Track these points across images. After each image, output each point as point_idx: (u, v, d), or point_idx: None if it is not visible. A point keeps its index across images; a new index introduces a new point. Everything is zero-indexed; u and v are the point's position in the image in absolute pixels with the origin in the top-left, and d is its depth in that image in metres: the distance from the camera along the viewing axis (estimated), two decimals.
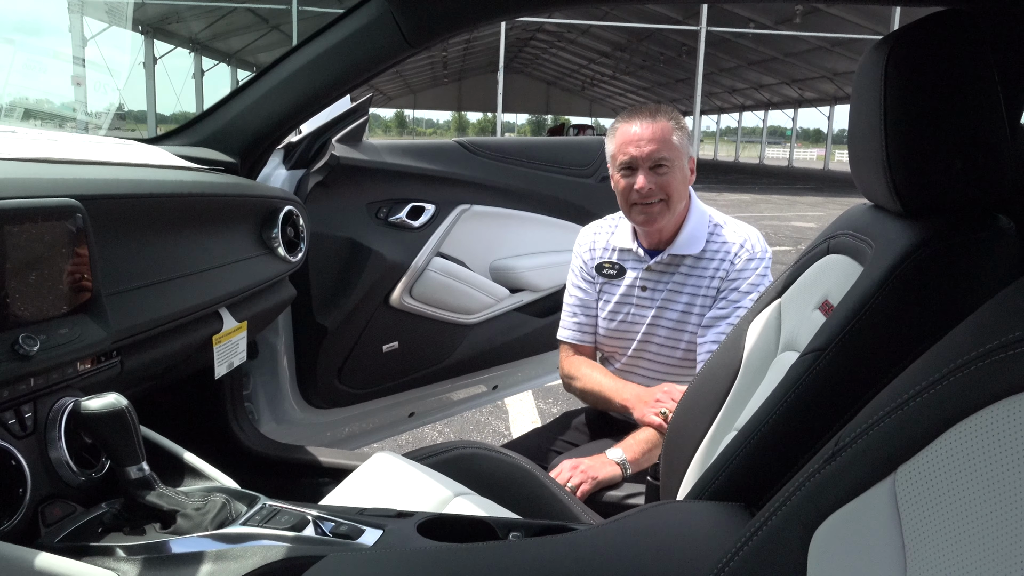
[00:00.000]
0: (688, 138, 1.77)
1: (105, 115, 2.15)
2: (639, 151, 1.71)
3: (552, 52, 44.38)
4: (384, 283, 2.07)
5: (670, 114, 1.75)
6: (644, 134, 1.71)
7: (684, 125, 1.76)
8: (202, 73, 32.33)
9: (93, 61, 6.05)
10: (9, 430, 0.98)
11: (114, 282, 1.16)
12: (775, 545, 0.61)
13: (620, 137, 1.75)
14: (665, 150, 1.70)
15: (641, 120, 1.73)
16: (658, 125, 1.71)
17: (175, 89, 27.79)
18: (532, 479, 1.46)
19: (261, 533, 0.92)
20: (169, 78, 28.05)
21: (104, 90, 10.70)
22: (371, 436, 2.33)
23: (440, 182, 2.20)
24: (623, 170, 1.74)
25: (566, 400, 3.82)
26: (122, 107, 25.55)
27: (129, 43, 21.60)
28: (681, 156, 1.74)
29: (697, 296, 1.79)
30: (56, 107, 1.82)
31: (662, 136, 1.70)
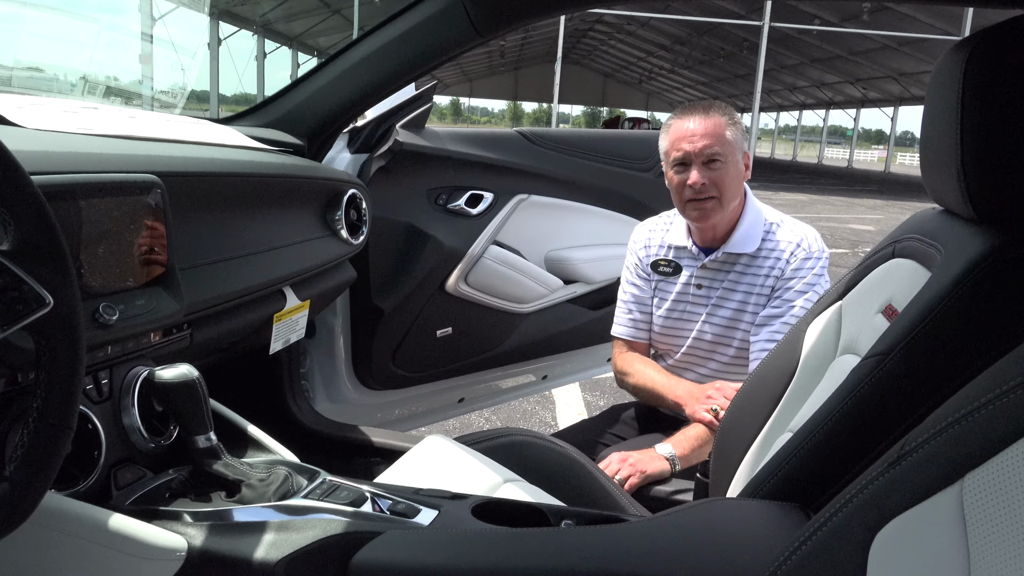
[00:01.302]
0: (743, 134, 1.75)
1: (180, 95, 2.21)
2: (692, 146, 1.70)
3: (610, 44, 44.03)
4: (441, 269, 2.09)
5: (724, 110, 1.74)
6: (697, 130, 1.70)
7: (738, 121, 1.75)
8: (264, 55, 32.84)
9: (165, 40, 6.24)
10: (87, 395, 1.02)
11: (187, 257, 1.20)
12: (835, 546, 0.61)
13: (673, 133, 1.74)
14: (718, 145, 1.69)
15: (694, 116, 1.72)
16: (711, 121, 1.70)
17: (237, 71, 28.26)
18: (581, 469, 1.47)
19: (321, 507, 0.95)
20: (232, 60, 28.51)
21: (178, 70, 10.86)
22: (421, 419, 2.36)
23: (500, 171, 2.21)
24: (676, 166, 1.74)
25: (613, 393, 3.82)
26: (186, 86, 26.03)
27: (201, 25, 22.01)
28: (735, 151, 1.72)
29: (751, 294, 1.78)
30: (134, 85, 1.89)
31: (715, 131, 1.70)
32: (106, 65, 1.74)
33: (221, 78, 28.53)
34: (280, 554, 0.88)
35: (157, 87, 2.37)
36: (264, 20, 29.81)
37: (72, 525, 0.88)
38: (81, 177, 0.99)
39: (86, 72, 1.66)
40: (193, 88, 25.26)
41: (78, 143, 1.12)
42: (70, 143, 1.11)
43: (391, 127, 1.97)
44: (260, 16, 29.22)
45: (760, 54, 21.22)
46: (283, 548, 0.89)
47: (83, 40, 1.68)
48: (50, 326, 0.72)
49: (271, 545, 0.89)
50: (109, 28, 1.72)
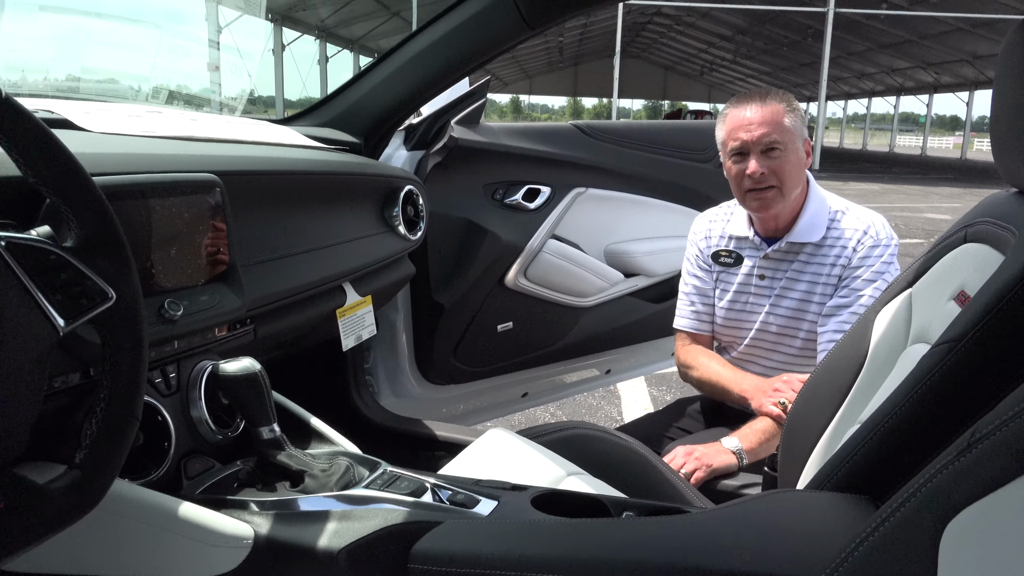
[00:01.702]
0: (802, 120, 1.71)
1: (239, 99, 2.26)
2: (750, 135, 1.66)
3: (670, 36, 43.50)
4: (500, 264, 2.09)
5: (782, 97, 1.70)
6: (755, 118, 1.66)
7: (797, 107, 1.71)
8: (326, 59, 33.44)
9: (228, 46, 6.45)
10: (156, 388, 1.05)
11: (248, 254, 1.22)
12: (904, 536, 0.58)
13: (730, 122, 1.71)
14: (777, 133, 1.65)
15: (751, 104, 1.69)
16: (768, 108, 1.67)
17: (301, 75, 28.87)
18: (645, 463, 1.45)
19: (382, 496, 0.96)
20: (296, 64, 29.10)
21: (239, 74, 11.13)
22: (485, 414, 2.37)
23: (556, 165, 2.20)
24: (734, 156, 1.71)
25: (679, 388, 3.77)
26: (253, 92, 26.72)
27: (261, 30, 22.59)
28: (794, 139, 1.68)
29: (817, 284, 1.74)
30: (195, 91, 1.94)
31: (773, 119, 1.66)
32: (173, 72, 1.79)
33: (286, 83, 29.16)
34: (342, 543, 0.89)
35: (225, 93, 2.44)
36: (325, 25, 30.36)
37: (144, 513, 0.90)
38: (143, 177, 1.02)
39: (152, 79, 1.71)
40: (261, 94, 25.90)
41: (141, 145, 1.16)
42: (133, 145, 1.15)
43: (446, 123, 1.98)
44: (321, 21, 29.76)
45: (825, 41, 20.68)
46: (345, 537, 0.90)
47: (147, 48, 1.73)
48: (113, 319, 0.74)
49: (333, 534, 0.90)
50: (174, 36, 1.76)
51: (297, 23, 29.59)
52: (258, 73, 7.01)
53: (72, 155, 0.73)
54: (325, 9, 28.26)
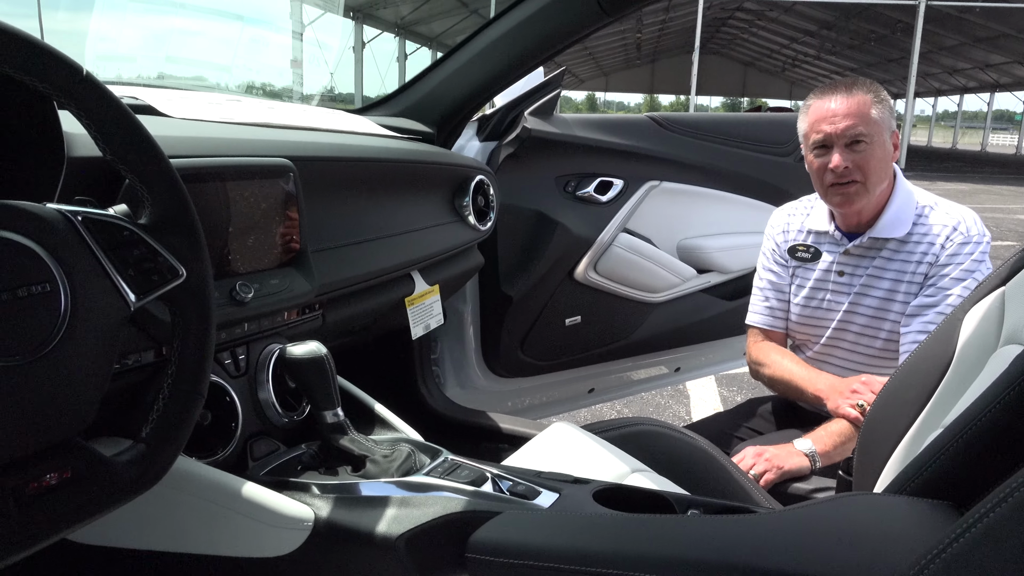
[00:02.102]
0: (890, 111, 1.62)
1: (319, 95, 2.32)
2: (833, 128, 1.59)
3: (751, 32, 42.57)
4: (569, 256, 2.07)
5: (869, 87, 1.61)
6: (839, 109, 1.59)
7: (885, 98, 1.62)
8: (405, 57, 33.87)
9: (311, 43, 6.51)
10: (226, 370, 1.07)
11: (319, 239, 1.23)
12: (989, 546, 0.54)
13: (813, 114, 1.64)
14: (863, 125, 1.58)
15: (836, 95, 1.61)
16: (854, 99, 1.59)
17: (380, 72, 29.32)
18: (713, 462, 1.41)
19: (443, 484, 0.95)
20: (375, 61, 29.55)
21: (318, 70, 11.35)
22: (551, 408, 2.35)
23: (630, 157, 2.16)
24: (816, 149, 1.64)
25: (751, 388, 3.68)
26: (333, 88, 27.30)
27: (342, 28, 23.06)
28: (882, 131, 1.60)
29: (901, 282, 1.66)
30: (278, 87, 1.98)
31: (859, 110, 1.58)
32: (256, 68, 1.84)
33: (366, 80, 29.65)
34: (401, 529, 0.89)
35: (306, 89, 2.48)
36: (404, 22, 30.75)
37: (209, 491, 0.92)
38: (218, 160, 1.04)
39: (235, 73, 1.77)
40: (340, 91, 26.45)
41: (218, 130, 1.18)
42: (211, 130, 1.17)
43: (520, 114, 1.97)
44: (400, 18, 30.16)
45: (915, 36, 19.90)
46: (404, 523, 0.89)
47: (232, 43, 1.78)
48: (183, 297, 0.75)
49: (393, 520, 0.90)
50: (259, 32, 1.81)
51: (377, 20, 30.04)
52: (338, 69, 7.17)
53: (149, 135, 0.74)
54: (405, 7, 28.62)
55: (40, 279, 0.63)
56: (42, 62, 0.65)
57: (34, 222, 0.64)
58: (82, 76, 0.68)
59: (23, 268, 0.62)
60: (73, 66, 0.67)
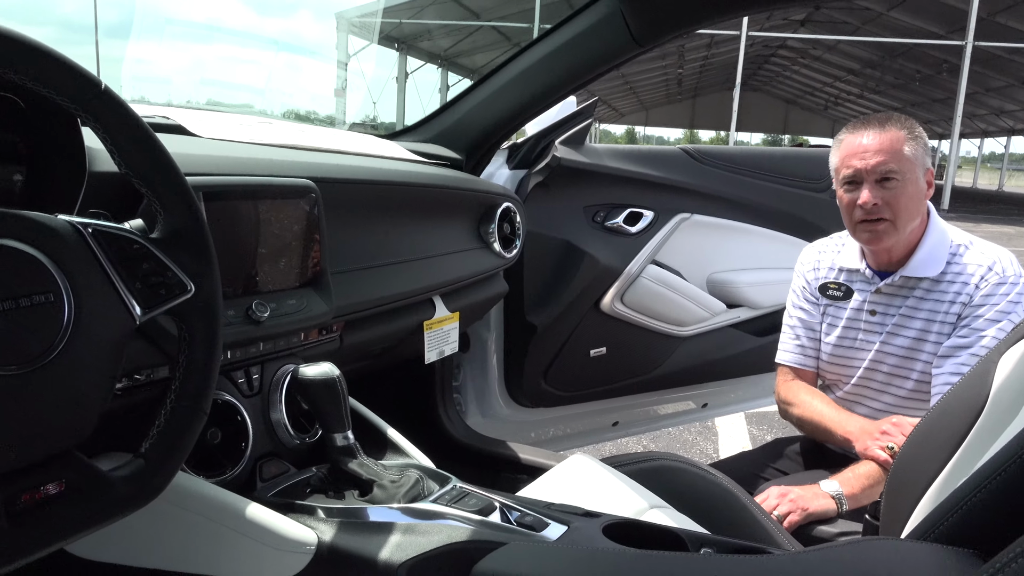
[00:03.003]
0: (925, 148, 1.59)
1: (363, 124, 2.35)
2: (864, 163, 1.55)
3: (794, 69, 42.41)
4: (596, 287, 2.05)
5: (903, 123, 1.58)
6: (871, 145, 1.55)
7: (920, 134, 1.58)
8: (447, 87, 34.31)
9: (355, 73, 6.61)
10: (239, 388, 1.07)
11: (340, 261, 1.23)
12: None
13: (845, 149, 1.60)
14: (894, 162, 1.54)
15: (868, 130, 1.58)
16: (887, 135, 1.55)
17: (422, 102, 29.72)
18: (735, 501, 1.37)
19: (449, 512, 0.93)
20: (418, 92, 30.00)
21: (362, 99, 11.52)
22: (574, 440, 2.32)
23: (661, 189, 2.15)
24: (846, 184, 1.60)
25: (782, 427, 3.60)
26: (376, 118, 27.74)
27: (378, 58, 23.47)
28: (914, 168, 1.56)
29: (933, 323, 1.61)
30: (322, 115, 2.00)
31: (891, 147, 1.54)
32: (303, 97, 1.87)
33: (408, 110, 30.06)
34: (404, 556, 0.87)
35: (349, 118, 2.52)
36: (447, 54, 31.20)
37: (213, 510, 0.91)
38: (240, 179, 1.04)
39: (280, 101, 1.79)
40: (383, 120, 26.86)
41: (243, 150, 1.19)
42: (236, 150, 1.18)
43: (550, 143, 1.97)
44: (443, 50, 30.60)
45: (962, 76, 19.65)
46: (407, 551, 0.87)
47: (275, 71, 1.81)
48: (190, 312, 0.74)
49: (396, 547, 0.88)
50: (302, 60, 1.84)
51: (420, 52, 30.51)
52: (381, 99, 7.28)
53: (165, 149, 0.75)
54: (447, 40, 29.06)
55: (43, 289, 0.63)
56: (59, 75, 0.65)
57: (42, 232, 0.65)
58: (100, 90, 0.68)
59: (27, 277, 0.62)
60: (91, 80, 0.68)
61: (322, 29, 23.93)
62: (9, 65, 0.62)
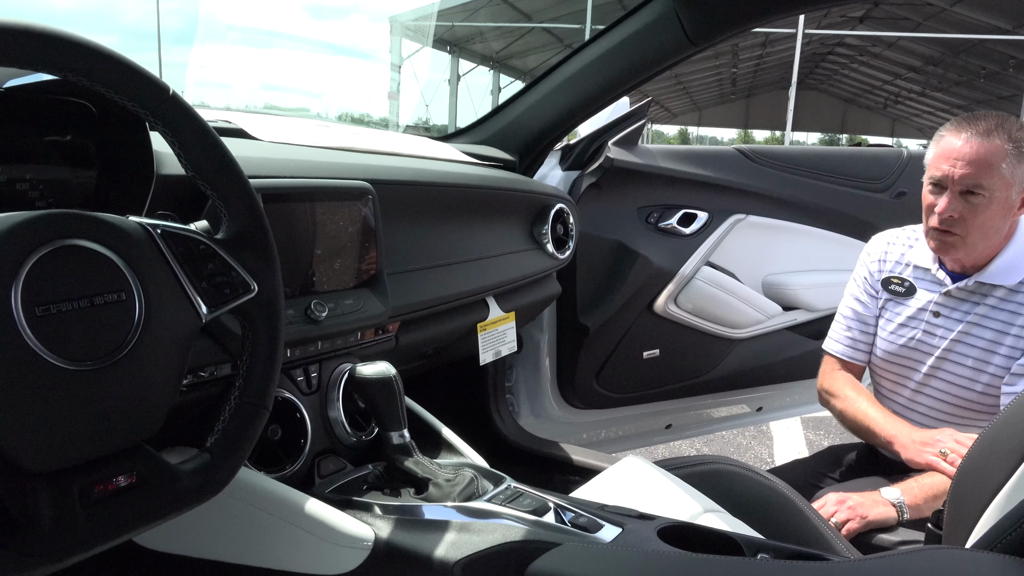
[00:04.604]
0: None
1: (416, 126, 2.38)
2: (952, 171, 1.46)
3: (852, 67, 41.45)
4: (649, 289, 2.04)
5: (1011, 132, 1.45)
6: (965, 152, 1.45)
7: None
8: (499, 90, 34.41)
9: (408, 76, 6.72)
10: (298, 386, 1.09)
11: (395, 262, 1.25)
12: None
13: (940, 148, 1.51)
14: (984, 177, 1.44)
15: (970, 134, 1.46)
16: (987, 146, 1.44)
17: (474, 104, 29.86)
18: (792, 507, 1.35)
19: (503, 512, 0.94)
20: (470, 94, 30.16)
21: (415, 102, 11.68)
22: (626, 442, 2.31)
23: (715, 189, 2.12)
24: (932, 186, 1.52)
25: (839, 433, 3.53)
26: (428, 120, 27.96)
27: (439, 62, 23.72)
28: (1008, 187, 1.45)
29: (1006, 335, 1.52)
30: (376, 118, 2.04)
31: (986, 160, 1.43)
32: (357, 100, 1.90)
33: (460, 112, 30.25)
34: (459, 555, 0.88)
35: (402, 120, 2.55)
36: (499, 56, 31.29)
37: (273, 505, 0.93)
38: (300, 181, 1.07)
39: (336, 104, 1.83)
40: (435, 122, 27.06)
41: (303, 153, 1.22)
42: (296, 153, 1.21)
43: (603, 144, 1.96)
44: (495, 52, 30.70)
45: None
46: (463, 549, 0.88)
47: (335, 78, 1.84)
48: (253, 311, 0.76)
49: (451, 545, 0.89)
50: (359, 65, 1.87)
51: (472, 54, 30.66)
52: (434, 101, 7.36)
53: (230, 153, 0.77)
54: (499, 42, 29.15)
55: (117, 288, 0.65)
56: (130, 81, 0.68)
57: (115, 233, 0.67)
58: (168, 95, 0.70)
59: (101, 277, 0.65)
60: (160, 85, 0.70)
61: (376, 32, 24.07)
62: (82, 72, 0.64)
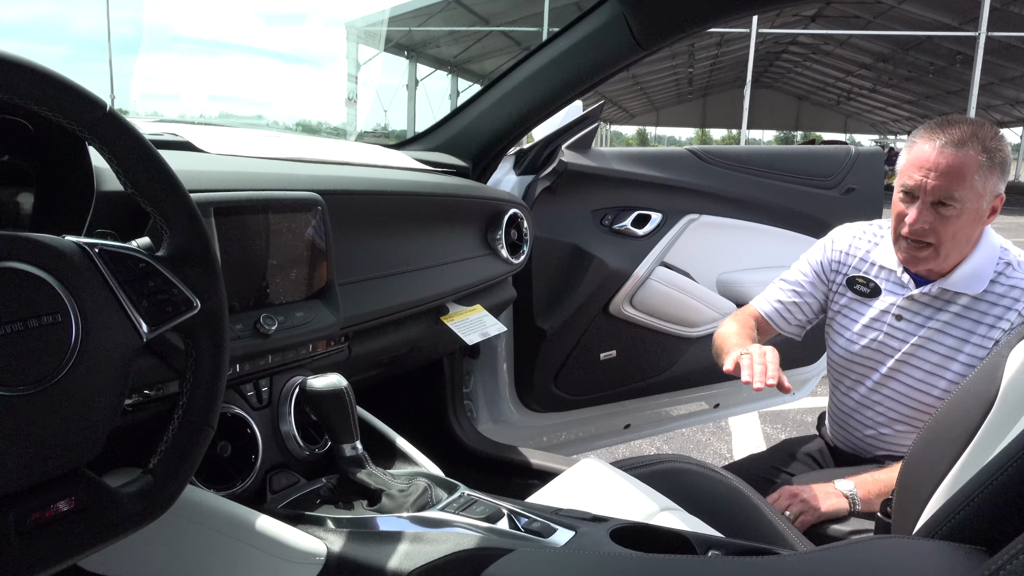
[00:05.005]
0: (1001, 174, 1.45)
1: (375, 132, 2.37)
2: (924, 180, 1.43)
3: (805, 65, 42.15)
4: (605, 290, 2.05)
5: (985, 142, 1.42)
6: (939, 163, 1.42)
7: (1000, 160, 1.44)
8: (457, 94, 34.36)
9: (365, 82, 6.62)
10: (248, 401, 1.08)
11: (347, 272, 1.24)
12: None
13: (914, 154, 1.47)
14: (957, 188, 1.41)
15: (943, 142, 1.43)
16: (960, 157, 1.41)
17: (433, 109, 29.79)
18: (747, 502, 1.37)
19: (456, 520, 0.94)
20: (428, 99, 30.09)
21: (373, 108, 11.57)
22: (586, 444, 2.32)
23: (668, 190, 2.15)
24: (903, 193, 1.49)
25: (795, 426, 3.59)
26: (387, 126, 27.83)
27: (388, 66, 23.61)
28: (978, 199, 1.43)
29: (967, 343, 1.52)
30: (334, 125, 2.02)
31: (959, 171, 1.41)
32: (313, 107, 1.88)
33: (418, 116, 30.14)
34: (413, 565, 0.88)
35: (360, 126, 2.53)
36: (457, 60, 31.25)
37: (223, 523, 0.92)
38: (247, 194, 1.06)
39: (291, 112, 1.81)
40: (393, 128, 26.92)
41: (251, 165, 1.20)
42: (244, 165, 1.20)
43: (557, 148, 1.97)
44: (453, 57, 30.65)
45: (975, 67, 19.48)
46: (416, 559, 0.88)
47: (290, 85, 1.82)
48: (196, 328, 0.76)
49: (404, 556, 0.89)
50: (315, 73, 1.86)
51: (430, 59, 30.57)
52: (392, 107, 7.31)
53: (170, 169, 0.76)
54: (456, 47, 29.12)
55: (51, 310, 0.64)
56: (64, 98, 0.67)
57: (49, 254, 0.66)
58: (104, 112, 0.69)
59: (35, 299, 0.64)
60: (96, 102, 0.69)
61: (331, 39, 23.93)
62: (14, 91, 0.63)
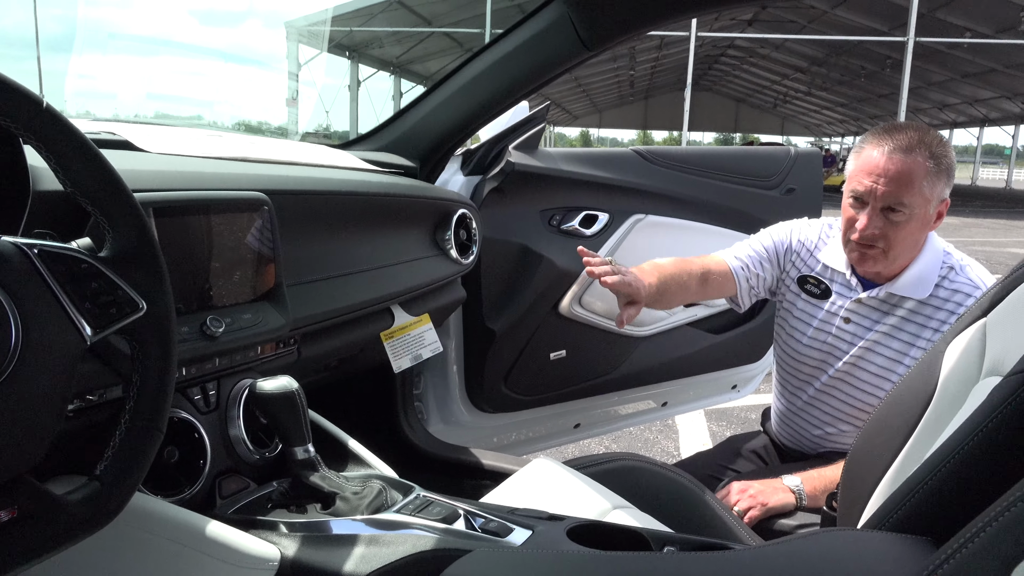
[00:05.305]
0: (947, 180, 1.48)
1: (316, 133, 2.33)
2: (874, 186, 1.45)
3: (743, 68, 43.05)
4: (554, 290, 2.06)
5: (932, 148, 1.44)
6: (888, 169, 1.44)
7: (946, 166, 1.46)
8: (400, 95, 34.16)
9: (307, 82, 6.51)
10: (195, 405, 1.05)
11: (295, 273, 1.22)
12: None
13: (862, 160, 1.49)
14: (906, 195, 1.43)
15: (892, 148, 1.45)
16: (908, 163, 1.43)
17: (375, 110, 29.55)
18: (696, 498, 1.39)
19: (413, 522, 0.93)
20: (371, 99, 29.85)
21: (315, 108, 11.39)
22: (536, 444, 2.33)
23: (615, 191, 2.17)
24: (852, 199, 1.51)
25: (741, 423, 3.66)
26: (329, 126, 27.51)
27: (329, 66, 23.39)
28: (926, 204, 1.46)
29: (913, 347, 1.55)
30: (274, 125, 1.98)
31: (908, 178, 1.43)
32: (254, 107, 1.84)
33: (360, 117, 29.85)
34: (369, 568, 0.87)
35: (301, 127, 2.48)
36: (399, 61, 31.06)
37: (172, 530, 0.89)
38: (191, 194, 1.03)
39: (231, 112, 1.77)
40: (336, 129, 26.63)
41: (194, 165, 1.18)
42: (186, 164, 1.17)
43: (504, 148, 1.97)
44: (395, 57, 30.46)
45: (905, 72, 20.12)
46: (372, 562, 0.87)
47: (230, 85, 1.79)
48: (142, 330, 0.73)
49: (360, 559, 0.88)
50: (255, 73, 1.82)
51: (372, 59, 30.35)
52: (334, 107, 7.25)
53: (111, 166, 0.74)
54: (399, 47, 28.94)
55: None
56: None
57: None
58: (41, 108, 0.67)
59: None
60: (31, 98, 0.67)
61: (271, 38, 23.64)
62: None
